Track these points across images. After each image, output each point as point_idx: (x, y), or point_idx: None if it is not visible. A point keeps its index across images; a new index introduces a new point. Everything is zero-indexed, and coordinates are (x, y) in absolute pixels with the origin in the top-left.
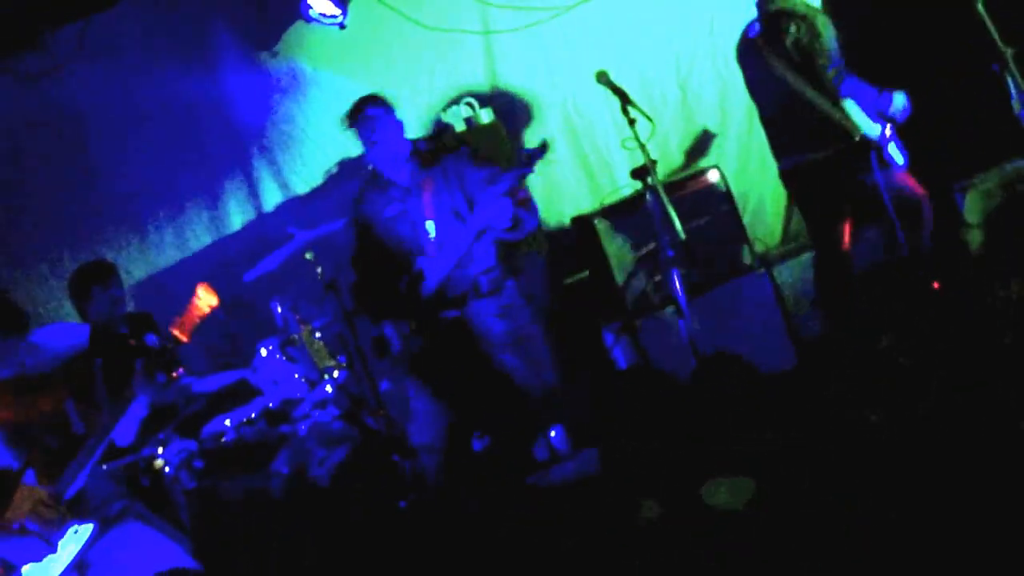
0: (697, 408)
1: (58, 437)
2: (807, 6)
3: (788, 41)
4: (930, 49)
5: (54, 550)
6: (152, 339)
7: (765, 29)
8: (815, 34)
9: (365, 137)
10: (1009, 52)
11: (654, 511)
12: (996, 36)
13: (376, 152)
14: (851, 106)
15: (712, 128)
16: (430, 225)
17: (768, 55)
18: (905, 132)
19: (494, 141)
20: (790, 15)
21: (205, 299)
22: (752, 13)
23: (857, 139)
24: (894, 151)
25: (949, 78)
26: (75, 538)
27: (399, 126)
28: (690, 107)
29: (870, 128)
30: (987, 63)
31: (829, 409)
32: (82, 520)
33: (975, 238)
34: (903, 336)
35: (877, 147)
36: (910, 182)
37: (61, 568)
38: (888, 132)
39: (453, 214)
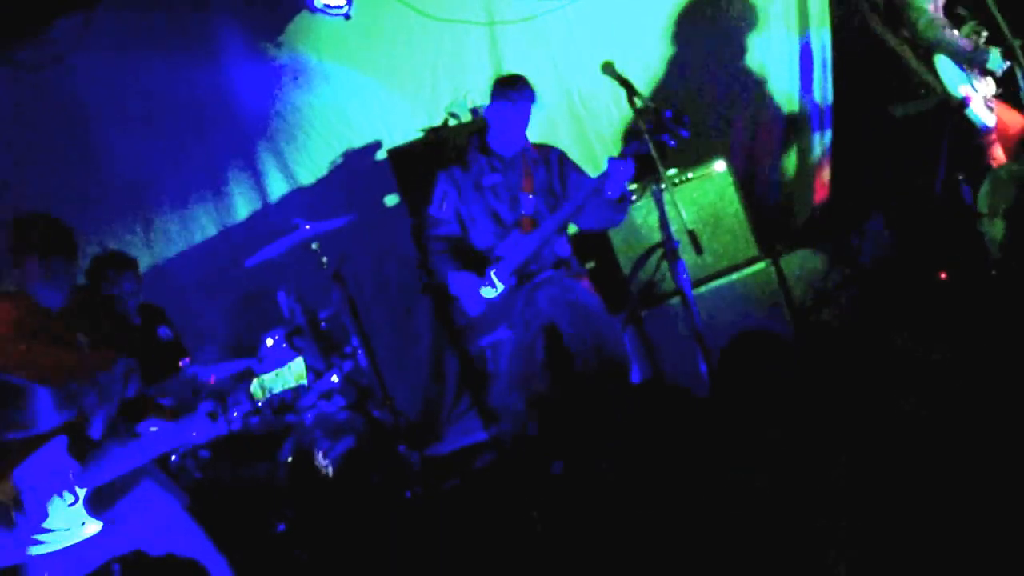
0: (705, 402)
1: (94, 402)
2: None
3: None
4: None
5: (73, 493)
6: (165, 332)
7: None
8: None
9: (517, 110)
10: (1018, 43)
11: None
12: (1005, 27)
13: (510, 125)
14: (940, 62)
15: (719, 116)
16: (526, 199)
17: (861, 4)
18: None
19: None
20: None
21: None
22: (757, 8)
23: (940, 98)
24: (979, 112)
25: None
26: (82, 529)
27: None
28: (695, 98)
29: (954, 88)
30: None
31: (837, 402)
32: (95, 515)
33: (995, 229)
34: (917, 329)
35: (959, 107)
36: (994, 148)
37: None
38: (976, 92)
39: (550, 192)
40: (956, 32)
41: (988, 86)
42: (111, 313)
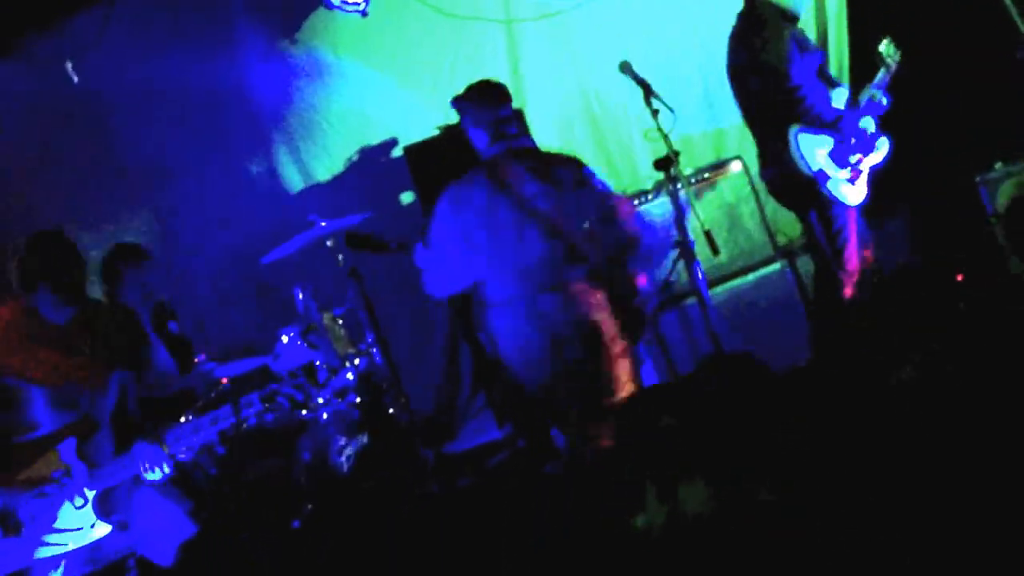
0: (717, 401)
1: (100, 410)
2: (783, 14)
3: (753, 55)
4: (954, 37)
5: (82, 495)
6: (174, 326)
7: (739, 34)
8: (778, 49)
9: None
10: (879, 96)
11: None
12: (1021, 24)
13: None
14: (795, 134)
15: (735, 119)
16: None
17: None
18: (926, 121)
19: None
20: (758, 26)
21: None
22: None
23: (793, 170)
24: (838, 190)
25: (973, 66)
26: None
27: None
28: (713, 98)
29: (804, 164)
30: (1011, 51)
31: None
32: (103, 517)
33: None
34: (924, 332)
35: (811, 182)
36: (850, 239)
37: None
38: (837, 169)
39: None
40: (831, 98)
41: (866, 158)
42: (119, 321)
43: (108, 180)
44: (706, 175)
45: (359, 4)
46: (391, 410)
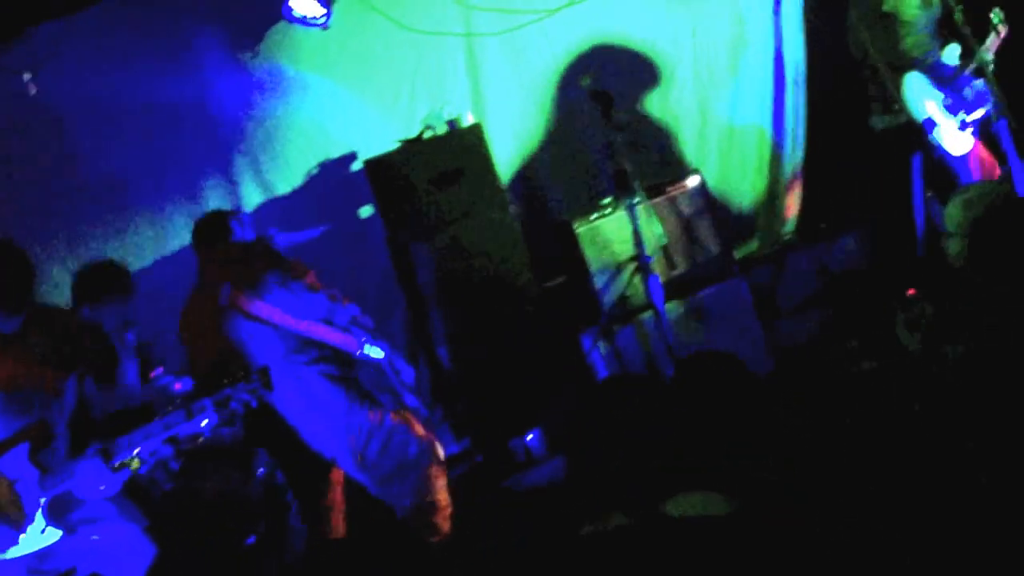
0: (674, 416)
1: (55, 415)
2: None
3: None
4: None
5: (23, 531)
6: (131, 338)
7: None
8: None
9: None
10: (989, 60)
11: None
12: (975, 45)
13: None
14: (912, 80)
15: (693, 133)
16: None
17: (852, 8)
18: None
19: (475, 145)
20: None
21: None
22: (733, 24)
23: (907, 117)
24: (946, 137)
25: None
26: (41, 537)
27: None
28: (671, 112)
29: (917, 110)
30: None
31: (801, 414)
32: (53, 523)
33: (954, 246)
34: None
35: (920, 130)
36: (974, 166)
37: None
38: (947, 118)
39: None
40: (942, 54)
41: (971, 114)
42: (71, 328)
43: (64, 191)
44: (664, 190)
45: (320, 18)
46: None
